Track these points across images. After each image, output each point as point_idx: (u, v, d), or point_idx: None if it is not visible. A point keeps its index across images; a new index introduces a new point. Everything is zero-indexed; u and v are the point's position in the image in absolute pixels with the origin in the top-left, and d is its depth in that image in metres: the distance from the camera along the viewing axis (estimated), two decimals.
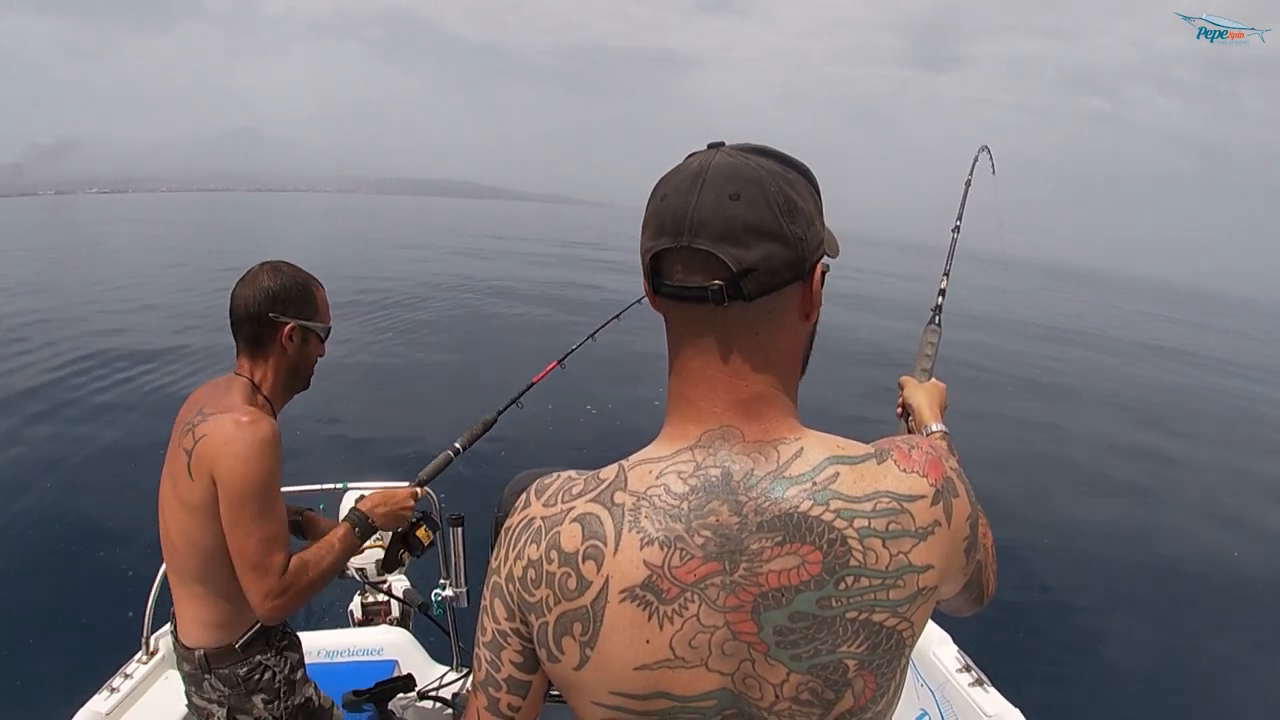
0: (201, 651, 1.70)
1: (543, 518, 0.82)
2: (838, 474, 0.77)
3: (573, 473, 0.85)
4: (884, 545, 0.75)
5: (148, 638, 2.39)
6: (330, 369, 1.96)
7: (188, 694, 1.80)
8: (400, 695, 2.46)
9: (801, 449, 0.79)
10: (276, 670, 1.78)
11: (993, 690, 2.38)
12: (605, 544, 0.77)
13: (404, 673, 2.44)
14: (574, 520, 0.80)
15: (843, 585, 0.75)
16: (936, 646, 2.59)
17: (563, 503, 0.82)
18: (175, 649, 1.77)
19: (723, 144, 0.81)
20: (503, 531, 0.87)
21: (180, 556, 1.69)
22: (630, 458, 0.83)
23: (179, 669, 1.78)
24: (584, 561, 0.78)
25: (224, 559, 1.62)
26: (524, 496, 0.86)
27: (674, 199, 0.77)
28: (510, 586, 0.83)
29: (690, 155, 0.82)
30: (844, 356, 12.86)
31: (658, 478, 0.79)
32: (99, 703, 2.19)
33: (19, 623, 4.38)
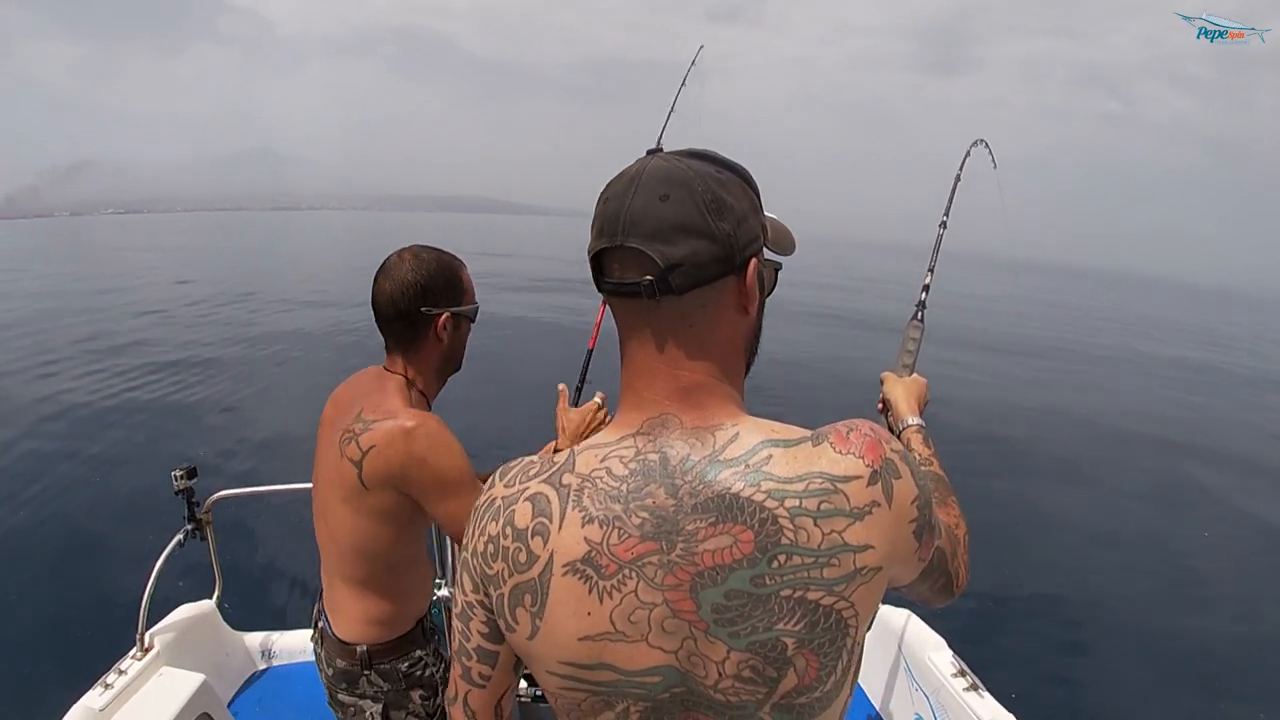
0: (364, 647, 1.67)
1: (502, 497, 0.87)
2: (770, 456, 0.79)
3: (534, 457, 0.90)
4: (815, 524, 0.77)
5: (142, 634, 2.37)
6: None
7: (330, 691, 1.76)
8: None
9: (737, 434, 0.82)
10: (434, 667, 1.77)
11: (987, 695, 2.39)
12: (551, 521, 0.82)
13: None
14: (526, 499, 0.85)
15: (775, 563, 0.77)
16: (932, 652, 2.60)
17: (520, 483, 0.87)
18: (322, 649, 1.73)
19: (660, 150, 0.87)
20: (472, 510, 0.92)
21: (348, 562, 1.65)
22: (581, 443, 0.88)
23: (322, 669, 1.74)
24: (533, 537, 0.83)
25: (396, 562, 1.63)
26: (491, 478, 0.91)
27: (612, 202, 0.82)
28: (475, 560, 0.88)
29: (635, 161, 0.87)
30: (838, 377, 12.91)
31: (602, 461, 0.83)
32: (93, 699, 2.17)
33: (14, 619, 4.34)
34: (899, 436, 1.38)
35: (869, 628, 0.85)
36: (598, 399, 1.80)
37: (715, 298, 0.83)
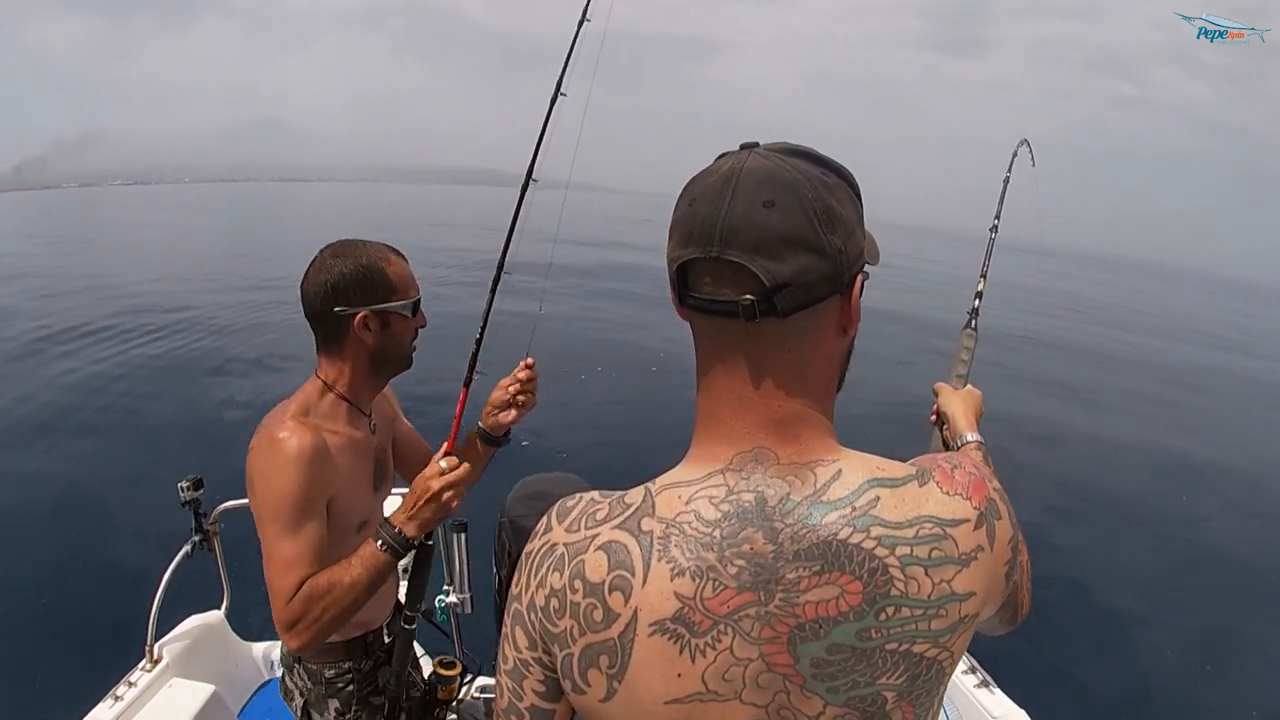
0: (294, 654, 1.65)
1: (565, 544, 0.79)
2: (878, 498, 0.73)
3: (596, 494, 0.82)
4: (927, 574, 0.72)
5: (151, 645, 2.38)
6: None
7: (282, 675, 1.78)
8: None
9: (840, 471, 0.75)
10: (359, 685, 1.72)
11: (998, 691, 2.38)
12: (633, 574, 0.74)
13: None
14: (599, 548, 0.76)
15: (883, 616, 0.71)
16: None
17: (586, 529, 0.78)
18: None
19: (757, 144, 0.76)
20: (523, 556, 0.84)
21: None
22: (657, 480, 0.79)
23: (282, 646, 1.74)
24: (611, 593, 0.75)
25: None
26: (545, 520, 0.83)
27: (703, 205, 0.73)
28: (532, 615, 0.80)
29: (721, 156, 0.77)
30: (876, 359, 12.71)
31: (687, 503, 0.75)
32: (103, 711, 2.19)
33: (23, 631, 4.37)
34: (958, 451, 1.30)
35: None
36: (441, 463, 1.60)
37: (818, 319, 0.75)
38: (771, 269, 0.70)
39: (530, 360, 1.78)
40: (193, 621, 2.56)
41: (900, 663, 0.72)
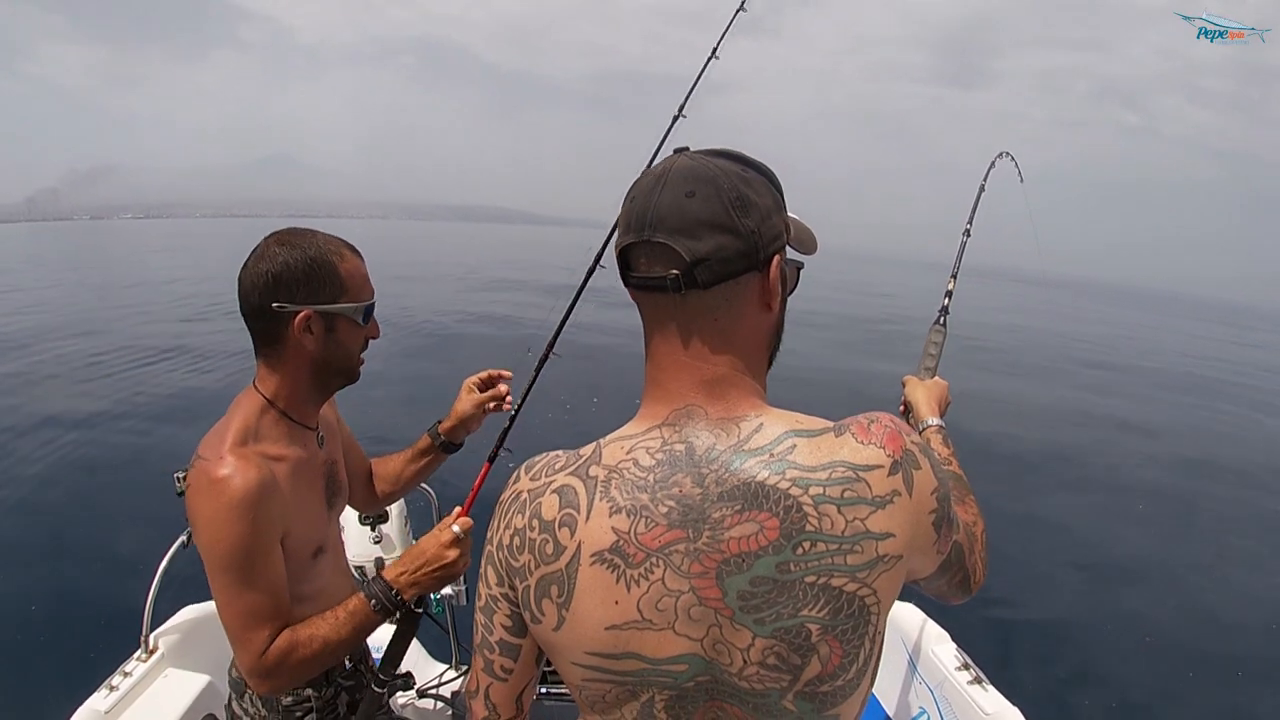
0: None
1: (528, 490, 0.89)
2: (795, 445, 0.81)
3: (560, 451, 0.92)
4: (839, 511, 0.78)
5: (147, 635, 2.38)
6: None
7: (229, 699, 1.63)
8: (399, 693, 2.45)
9: (761, 424, 0.84)
10: (322, 712, 1.59)
11: (991, 688, 2.37)
12: (579, 512, 0.84)
13: (403, 670, 2.44)
14: (553, 491, 0.87)
15: (800, 550, 0.78)
16: (935, 645, 2.58)
17: (546, 476, 0.89)
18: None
19: (687, 149, 0.89)
20: (497, 505, 0.94)
21: None
22: (607, 436, 0.89)
23: (229, 672, 1.59)
24: (560, 528, 0.84)
25: None
26: (516, 472, 0.94)
27: (640, 199, 0.85)
28: (499, 554, 0.91)
29: (662, 160, 0.89)
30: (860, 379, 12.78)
31: (628, 453, 0.85)
32: (98, 701, 2.18)
33: (18, 621, 4.38)
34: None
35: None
36: (455, 529, 1.53)
37: (739, 293, 0.85)
38: (691, 247, 0.81)
39: (508, 374, 1.77)
40: (188, 612, 2.56)
41: (820, 595, 0.79)
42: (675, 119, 1.95)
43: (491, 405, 1.81)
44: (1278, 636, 5.61)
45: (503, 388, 1.81)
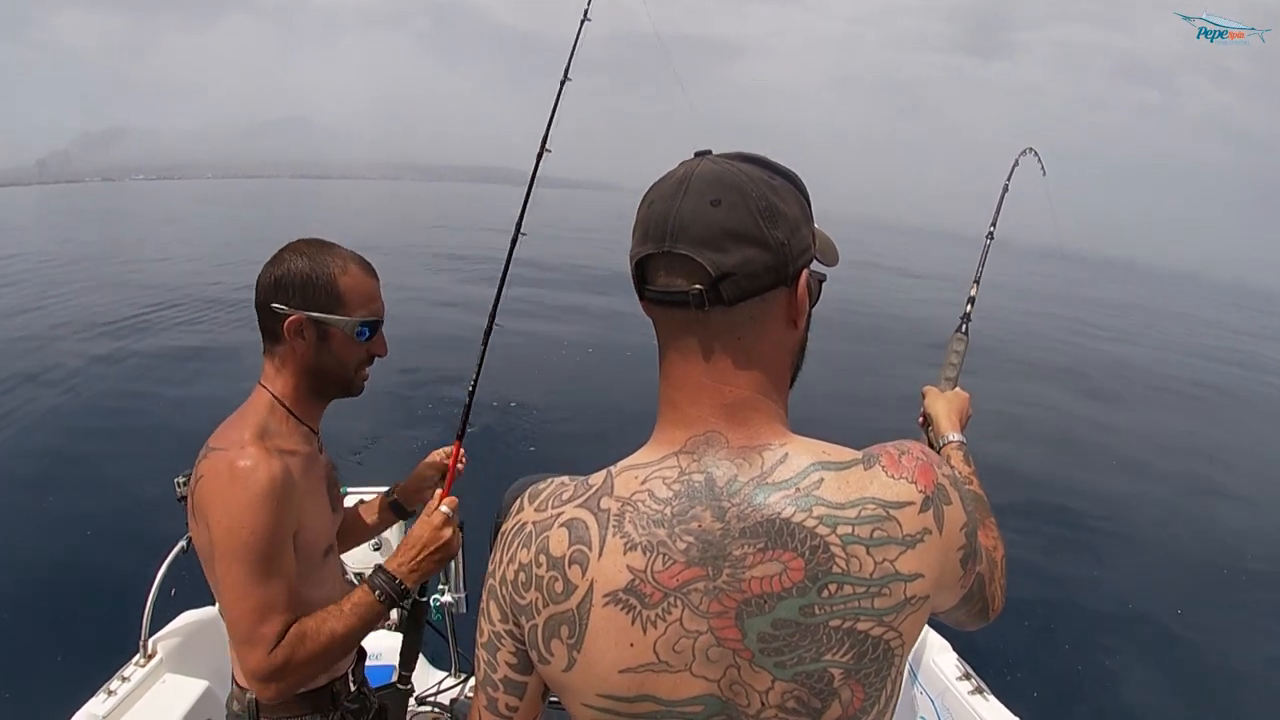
0: (253, 696, 1.46)
1: (534, 522, 0.84)
2: (822, 480, 0.77)
3: (565, 478, 0.87)
4: (868, 553, 0.75)
5: (145, 640, 2.39)
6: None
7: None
8: None
9: (786, 455, 0.79)
10: None
11: (992, 698, 2.37)
12: (590, 548, 0.79)
13: None
14: (562, 525, 0.81)
15: (826, 593, 0.75)
16: (936, 655, 2.57)
17: (553, 508, 0.84)
18: (232, 684, 1.56)
19: (709, 152, 0.83)
20: (499, 536, 0.88)
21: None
22: (619, 464, 0.84)
23: (227, 707, 1.57)
24: (570, 566, 0.79)
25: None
26: (518, 501, 0.88)
27: (659, 205, 0.79)
28: (503, 590, 0.85)
29: (681, 164, 0.83)
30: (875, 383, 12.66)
31: (643, 483, 0.80)
32: (96, 705, 2.19)
33: (16, 624, 4.40)
34: (939, 452, 1.35)
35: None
36: (444, 509, 1.59)
37: (766, 310, 0.80)
38: (717, 260, 0.76)
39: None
40: (187, 617, 2.57)
41: (845, 640, 0.75)
42: (562, 84, 1.89)
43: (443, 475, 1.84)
44: None
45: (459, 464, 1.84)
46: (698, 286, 0.77)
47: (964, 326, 1.72)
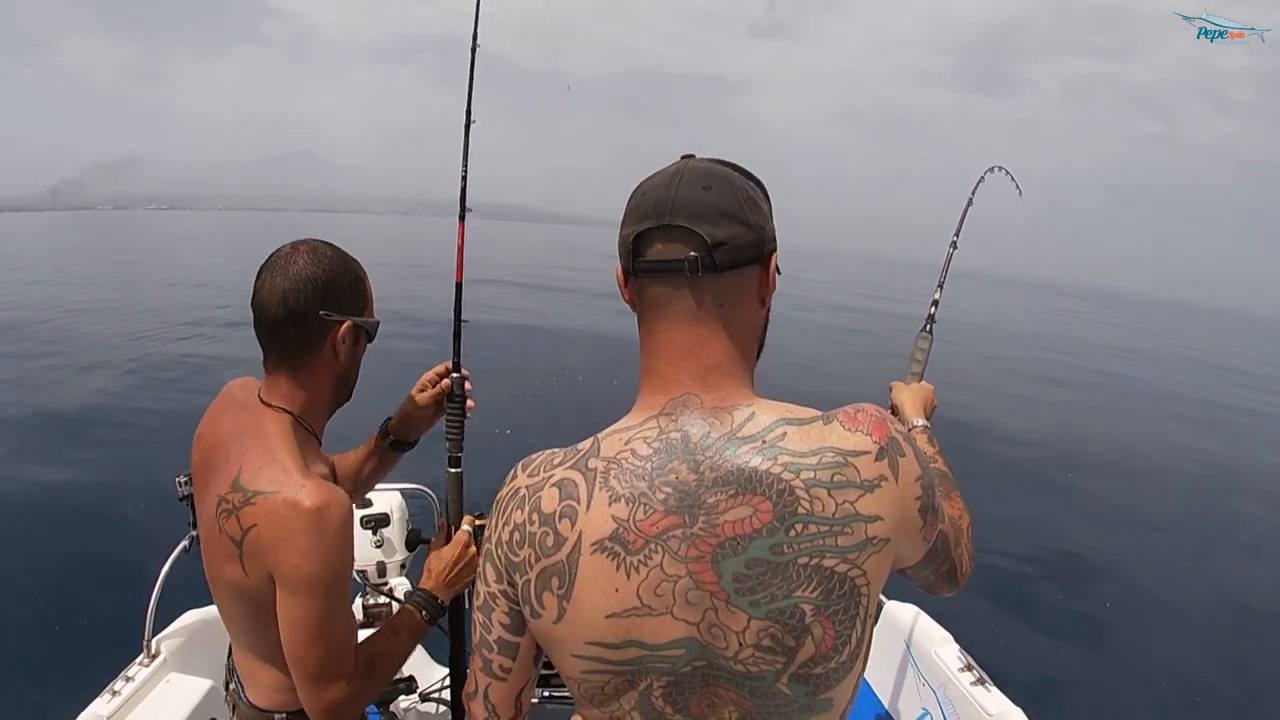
0: (283, 715, 1.43)
1: (527, 486, 0.91)
2: (786, 433, 0.84)
3: (556, 448, 0.94)
4: (829, 494, 0.81)
5: (149, 640, 2.40)
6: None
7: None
8: (402, 697, 2.46)
9: (754, 413, 0.87)
10: None
11: (995, 689, 2.36)
12: (579, 503, 0.86)
13: (406, 675, 2.44)
14: (553, 485, 0.88)
15: (793, 532, 0.81)
16: (939, 646, 2.57)
17: (544, 472, 0.91)
18: (238, 705, 1.50)
19: (693, 156, 0.94)
20: (494, 504, 0.95)
21: (247, 635, 1.41)
22: (605, 430, 0.92)
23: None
24: (560, 520, 0.86)
25: None
26: (513, 471, 0.95)
27: (654, 192, 0.89)
28: (499, 551, 0.92)
29: (671, 163, 0.93)
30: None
31: (626, 444, 0.88)
32: (101, 706, 2.20)
33: (21, 625, 4.42)
34: None
35: (875, 621, 0.89)
36: (466, 528, 1.65)
37: (744, 284, 0.90)
38: (711, 232, 0.86)
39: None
40: (190, 616, 2.57)
41: (813, 576, 0.81)
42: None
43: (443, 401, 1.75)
44: None
45: (446, 383, 1.73)
46: (693, 253, 0.86)
47: (928, 327, 1.89)
